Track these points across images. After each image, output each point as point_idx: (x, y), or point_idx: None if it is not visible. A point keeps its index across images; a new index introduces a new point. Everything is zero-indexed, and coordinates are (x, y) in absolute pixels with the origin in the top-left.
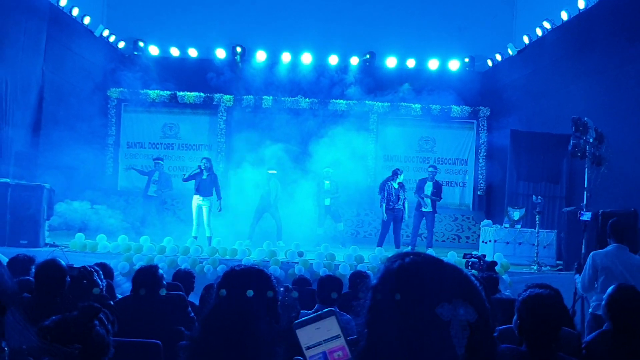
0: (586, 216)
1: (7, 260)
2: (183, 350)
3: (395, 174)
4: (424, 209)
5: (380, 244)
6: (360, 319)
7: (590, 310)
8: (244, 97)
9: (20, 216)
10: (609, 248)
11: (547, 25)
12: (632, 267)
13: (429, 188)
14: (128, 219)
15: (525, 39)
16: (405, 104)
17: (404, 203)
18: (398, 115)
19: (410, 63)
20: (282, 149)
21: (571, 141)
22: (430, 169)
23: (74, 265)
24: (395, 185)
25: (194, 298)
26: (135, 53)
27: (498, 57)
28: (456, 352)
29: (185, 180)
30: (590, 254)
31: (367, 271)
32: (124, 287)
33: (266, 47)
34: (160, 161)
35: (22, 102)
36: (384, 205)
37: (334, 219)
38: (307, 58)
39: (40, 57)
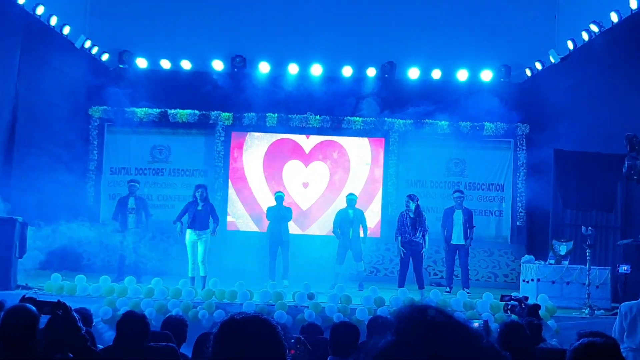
0: (623, 269)
1: None
2: None
3: (409, 200)
4: (453, 242)
5: (401, 284)
6: None
7: None
8: (245, 114)
9: None
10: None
11: (594, 28)
12: None
13: (458, 216)
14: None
15: (570, 45)
16: (431, 120)
17: (423, 235)
18: (422, 134)
19: (436, 74)
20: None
21: (626, 162)
22: (457, 194)
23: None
24: (411, 214)
25: (187, 350)
26: (121, 66)
27: (538, 65)
28: None
29: (176, 221)
30: (621, 305)
31: (389, 316)
32: (105, 336)
33: (270, 58)
34: (136, 184)
35: None
36: (399, 239)
37: (355, 257)
38: (317, 70)
39: (14, 73)
